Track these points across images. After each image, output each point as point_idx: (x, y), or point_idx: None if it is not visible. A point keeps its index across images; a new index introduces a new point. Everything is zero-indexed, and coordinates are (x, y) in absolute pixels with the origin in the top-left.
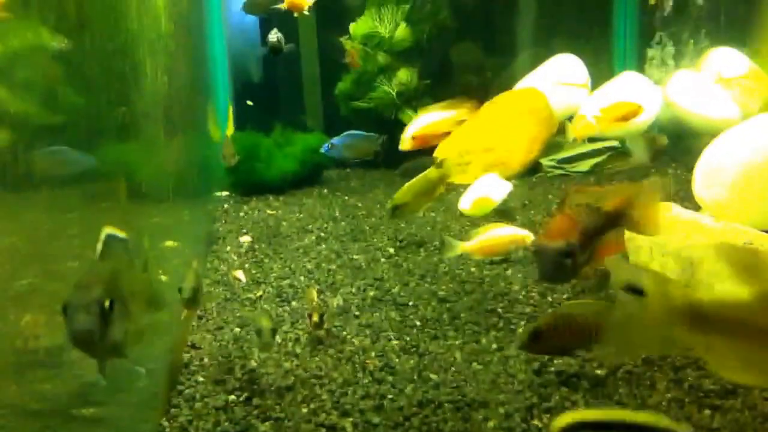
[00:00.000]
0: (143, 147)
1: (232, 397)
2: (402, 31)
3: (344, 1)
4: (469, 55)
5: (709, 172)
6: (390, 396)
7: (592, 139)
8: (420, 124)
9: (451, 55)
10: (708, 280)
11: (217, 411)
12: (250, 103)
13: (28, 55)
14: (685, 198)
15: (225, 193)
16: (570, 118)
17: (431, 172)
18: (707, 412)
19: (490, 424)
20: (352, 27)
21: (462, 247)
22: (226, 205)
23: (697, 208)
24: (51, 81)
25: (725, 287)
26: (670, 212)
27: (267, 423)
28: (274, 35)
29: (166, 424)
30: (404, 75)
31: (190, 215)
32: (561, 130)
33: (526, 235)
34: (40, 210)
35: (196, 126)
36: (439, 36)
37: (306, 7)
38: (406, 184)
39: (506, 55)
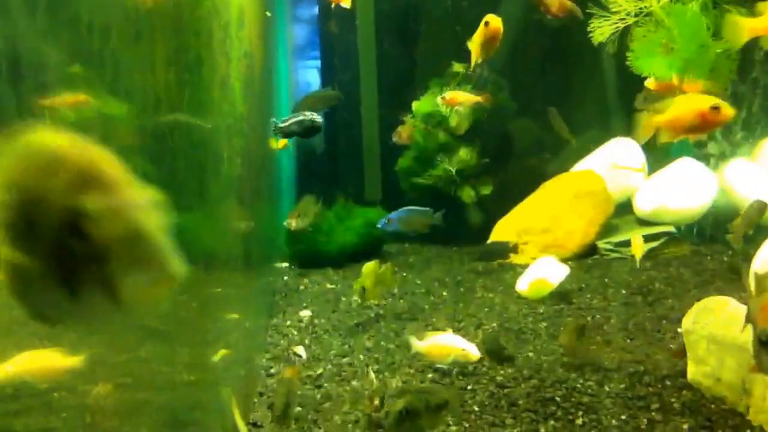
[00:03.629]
0: (217, 219)
1: None
2: (462, 110)
3: (406, 80)
4: (527, 135)
5: None
6: None
7: (647, 224)
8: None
9: (510, 135)
10: (764, 379)
11: None
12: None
13: (97, 124)
14: (742, 288)
15: (285, 265)
16: None
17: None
18: None
19: None
20: (415, 105)
21: (415, 346)
22: (285, 277)
23: None
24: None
25: None
26: (728, 306)
27: None
28: (310, 115)
29: None
30: (464, 153)
31: (252, 286)
32: (617, 212)
33: (471, 353)
34: None
35: (262, 198)
36: (498, 115)
37: None
38: (367, 268)
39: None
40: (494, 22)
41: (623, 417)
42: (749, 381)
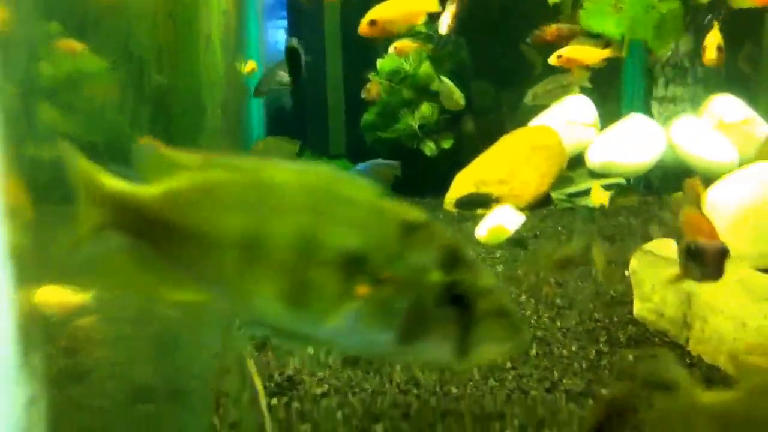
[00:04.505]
0: None
1: (274, 400)
2: (425, 68)
3: (370, 39)
4: (486, 92)
5: (708, 214)
6: (415, 406)
7: (599, 176)
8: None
9: (470, 92)
10: (702, 314)
11: None
12: None
13: (77, 79)
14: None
15: None
16: None
17: None
18: None
19: None
20: (380, 63)
21: None
22: None
23: None
24: (99, 104)
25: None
26: (671, 248)
27: (306, 424)
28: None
29: (217, 422)
30: (426, 109)
31: None
32: (570, 164)
33: None
34: None
35: (237, 151)
36: (459, 74)
37: None
38: None
39: (522, 93)
40: None
41: (573, 348)
42: (690, 316)
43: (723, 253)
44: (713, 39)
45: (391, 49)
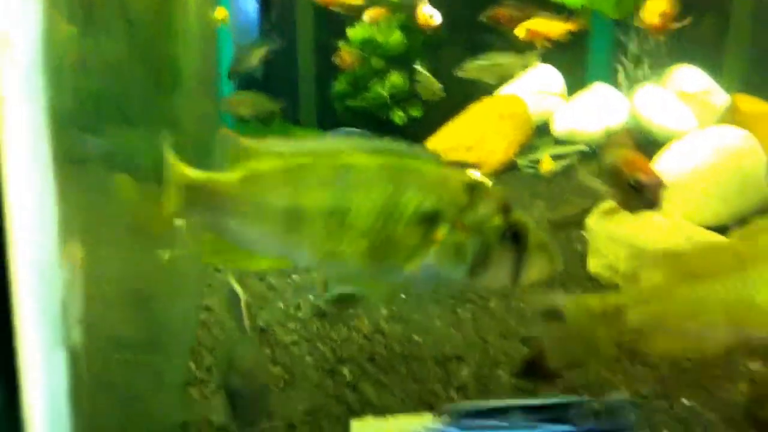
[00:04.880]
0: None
1: None
2: (397, 37)
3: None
4: (457, 61)
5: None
6: (381, 352)
7: (563, 143)
8: None
9: (440, 62)
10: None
11: None
12: None
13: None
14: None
15: None
16: None
17: None
18: None
19: (464, 373)
20: (350, 32)
21: None
22: None
23: None
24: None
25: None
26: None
27: (278, 367)
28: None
29: (193, 367)
30: (397, 79)
31: None
32: (537, 132)
33: None
34: None
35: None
36: (431, 44)
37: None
38: None
39: None
40: None
41: None
42: (638, 269)
43: (660, 185)
44: (655, 4)
45: (365, 18)
